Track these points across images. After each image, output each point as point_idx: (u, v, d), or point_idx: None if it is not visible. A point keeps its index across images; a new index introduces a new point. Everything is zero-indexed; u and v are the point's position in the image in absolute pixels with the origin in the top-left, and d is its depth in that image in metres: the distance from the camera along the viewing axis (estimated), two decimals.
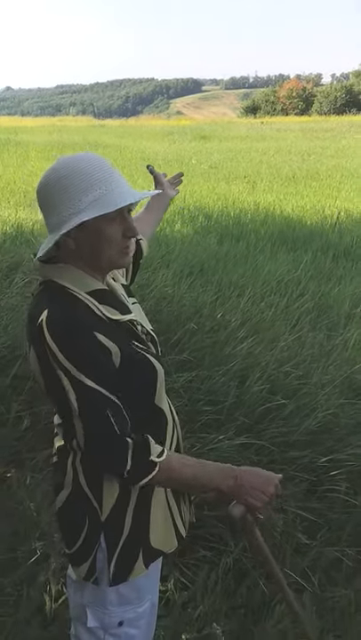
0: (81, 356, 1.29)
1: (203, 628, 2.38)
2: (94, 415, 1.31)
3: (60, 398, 1.32)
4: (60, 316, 1.30)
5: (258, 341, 3.64)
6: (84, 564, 1.46)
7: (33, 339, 1.33)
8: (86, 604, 1.53)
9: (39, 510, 2.83)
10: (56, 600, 2.47)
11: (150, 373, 1.44)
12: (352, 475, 2.95)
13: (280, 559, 2.60)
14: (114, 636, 1.55)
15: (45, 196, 1.36)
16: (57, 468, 1.53)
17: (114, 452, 1.33)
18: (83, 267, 1.40)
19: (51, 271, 1.40)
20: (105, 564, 1.45)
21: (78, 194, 1.31)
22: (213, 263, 6.18)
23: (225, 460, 2.86)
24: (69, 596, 1.64)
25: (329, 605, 2.49)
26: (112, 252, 1.39)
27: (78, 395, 1.28)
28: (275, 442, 2.99)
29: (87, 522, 1.44)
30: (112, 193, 1.32)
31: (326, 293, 5.14)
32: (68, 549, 1.50)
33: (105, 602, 1.51)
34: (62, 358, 1.27)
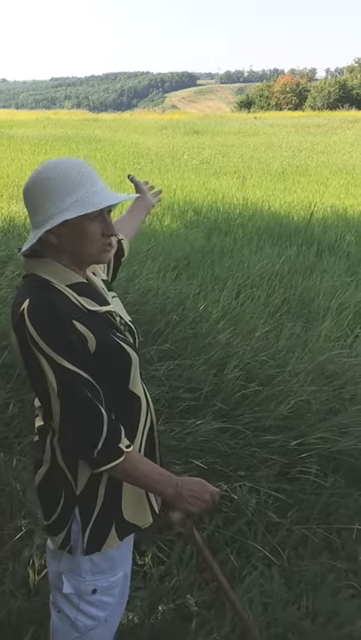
0: (59, 341, 1.40)
1: (177, 599, 2.51)
2: (73, 395, 1.42)
3: (39, 381, 1.43)
4: (39, 305, 1.41)
5: (237, 332, 3.78)
6: (60, 534, 1.59)
7: (15, 326, 1.44)
8: (62, 572, 1.65)
9: (25, 490, 2.96)
10: (39, 573, 2.59)
11: (125, 360, 1.55)
12: (322, 458, 3.09)
13: (252, 536, 2.76)
14: (88, 603, 1.67)
15: (31, 196, 1.48)
16: (37, 446, 1.65)
17: (88, 431, 1.44)
18: (64, 261, 1.52)
19: (33, 265, 1.51)
20: (79, 534, 1.58)
21: (62, 195, 1.44)
22: (200, 257, 6.31)
23: (202, 445, 3.04)
24: (48, 565, 1.76)
25: (296, 578, 2.63)
26: (92, 248, 1.51)
27: (58, 376, 1.39)
28: (249, 426, 3.14)
29: (63, 495, 1.56)
30: (93, 195, 1.45)
31: (309, 287, 5.28)
32: (46, 521, 1.62)
33: (80, 570, 1.63)
34: (42, 343, 1.38)
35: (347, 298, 4.90)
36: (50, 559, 1.72)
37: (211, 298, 4.42)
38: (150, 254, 5.54)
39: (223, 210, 9.41)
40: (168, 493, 1.54)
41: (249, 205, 9.86)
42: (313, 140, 25.29)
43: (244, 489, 2.89)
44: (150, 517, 1.70)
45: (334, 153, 20.04)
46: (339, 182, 13.09)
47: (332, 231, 7.74)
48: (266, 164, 16.69)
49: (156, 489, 1.57)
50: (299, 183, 12.93)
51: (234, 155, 19.10)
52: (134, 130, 30.88)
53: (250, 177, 13.79)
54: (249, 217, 8.83)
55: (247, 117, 44.56)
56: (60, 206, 1.44)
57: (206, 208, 9.43)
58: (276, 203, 10.24)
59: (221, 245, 6.95)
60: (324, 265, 6.44)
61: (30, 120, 38.41)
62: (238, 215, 8.99)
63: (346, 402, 3.52)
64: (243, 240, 7.28)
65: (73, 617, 1.69)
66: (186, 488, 1.55)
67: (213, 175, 13.96)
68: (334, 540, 2.83)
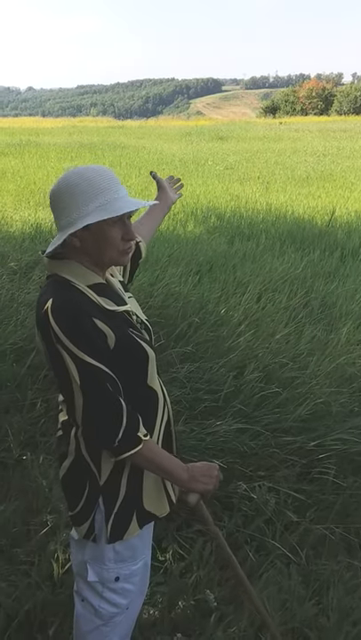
0: (81, 338, 1.49)
1: (197, 595, 2.58)
2: (94, 388, 1.50)
3: (63, 376, 1.51)
4: (62, 304, 1.50)
5: (257, 335, 3.83)
6: (85, 523, 1.67)
7: (40, 324, 1.54)
8: (87, 561, 1.73)
9: (51, 487, 3.06)
10: (63, 567, 2.68)
11: (142, 356, 1.64)
12: (341, 459, 3.13)
13: (271, 535, 2.81)
14: (111, 590, 1.75)
15: (57, 200, 1.58)
16: (61, 439, 1.73)
17: (110, 421, 1.53)
18: (85, 263, 1.61)
19: (56, 266, 1.61)
20: (103, 523, 1.66)
21: (86, 200, 1.53)
22: (222, 262, 6.37)
23: (222, 445, 3.10)
24: (72, 555, 1.84)
25: (313, 576, 2.68)
26: (112, 251, 1.60)
27: (80, 371, 1.48)
28: (269, 427, 3.19)
29: (87, 486, 1.64)
30: (115, 201, 1.55)
31: (330, 291, 5.31)
32: (71, 511, 1.70)
33: (103, 558, 1.71)
34: (65, 340, 1.47)
35: None
36: (74, 549, 1.79)
37: (232, 302, 4.48)
38: (173, 259, 5.62)
39: (246, 215, 9.46)
40: (183, 477, 1.65)
41: (272, 211, 9.89)
42: (338, 144, 25.14)
43: (263, 488, 2.95)
44: (167, 507, 1.78)
45: (360, 158, 19.90)
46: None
47: (356, 236, 7.73)
48: (290, 169, 16.67)
49: (171, 473, 1.66)
50: (323, 188, 12.90)
51: (258, 160, 19.10)
52: (159, 137, 31.06)
53: (274, 182, 13.81)
54: (272, 222, 8.86)
55: (272, 123, 44.49)
56: (83, 211, 1.53)
57: (229, 214, 9.49)
58: (299, 208, 10.25)
59: (244, 250, 7.00)
60: (346, 270, 6.45)
61: (56, 128, 38.89)
62: (261, 220, 9.02)
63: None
64: (265, 245, 7.33)
65: (97, 604, 1.76)
66: (196, 470, 1.68)
67: (237, 181, 14.01)
68: (352, 539, 2.86)
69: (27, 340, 4.31)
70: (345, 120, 45.25)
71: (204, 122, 55.07)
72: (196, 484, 1.67)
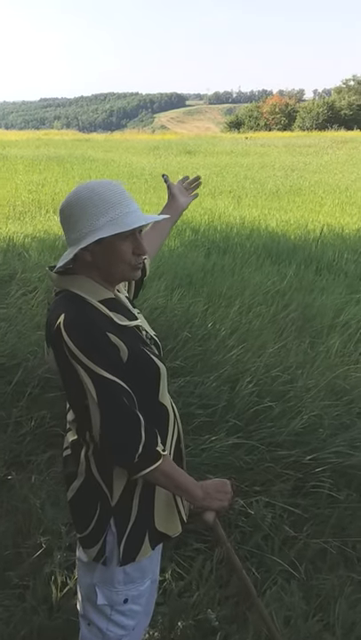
0: (96, 352, 1.46)
1: (198, 615, 2.54)
2: (112, 402, 1.47)
3: (78, 393, 1.48)
4: (75, 319, 1.47)
5: (246, 349, 3.84)
6: (95, 546, 1.62)
7: (52, 341, 1.50)
8: (96, 584, 1.68)
9: (43, 507, 2.98)
10: (61, 590, 2.61)
11: (154, 371, 1.62)
12: (335, 472, 3.14)
13: (269, 551, 2.79)
14: (119, 613, 1.71)
15: (68, 214, 1.55)
16: (69, 460, 1.69)
17: (129, 437, 1.49)
18: (96, 278, 1.59)
19: (67, 281, 1.58)
20: (115, 545, 1.61)
21: (97, 214, 1.51)
22: (201, 276, 6.39)
23: (217, 460, 3.08)
24: (79, 578, 1.79)
25: (315, 592, 2.67)
26: (124, 266, 1.59)
27: (96, 386, 1.45)
28: (263, 442, 3.19)
29: (98, 507, 1.60)
30: (126, 215, 1.53)
31: (310, 304, 5.37)
32: (80, 533, 1.66)
33: (113, 581, 1.67)
34: (80, 355, 1.44)
35: (354, 314, 4.99)
36: (82, 572, 1.74)
37: (218, 315, 4.49)
38: (156, 274, 5.61)
39: (221, 229, 9.53)
40: (198, 494, 1.63)
41: (246, 224, 9.98)
42: (304, 160, 25.61)
43: (260, 503, 2.93)
44: (180, 527, 1.75)
45: (326, 173, 20.30)
46: (333, 201, 13.27)
47: (330, 250, 7.85)
48: (260, 183, 16.89)
49: (188, 491, 1.63)
50: (294, 202, 13.10)
51: (228, 174, 19.30)
52: (126, 150, 31.13)
53: (245, 196, 13.97)
54: (246, 236, 8.94)
55: (238, 137, 45.07)
56: (94, 225, 1.51)
57: (204, 227, 9.54)
58: (272, 221, 10.37)
59: (221, 264, 7.04)
60: (323, 283, 6.54)
61: (22, 140, 38.65)
62: (236, 234, 9.10)
63: (355, 417, 3.58)
64: (242, 259, 7.38)
65: (104, 627, 1.72)
66: (210, 487, 1.66)
67: (209, 195, 14.11)
68: (350, 552, 2.87)
69: (8, 356, 4.24)
70: (309, 135, 46.15)
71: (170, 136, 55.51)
72: (211, 502, 1.65)
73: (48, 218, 10.68)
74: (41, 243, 8.41)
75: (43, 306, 5.19)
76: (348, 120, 61.89)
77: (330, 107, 65.31)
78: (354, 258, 7.71)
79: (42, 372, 3.97)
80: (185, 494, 1.64)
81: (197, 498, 1.63)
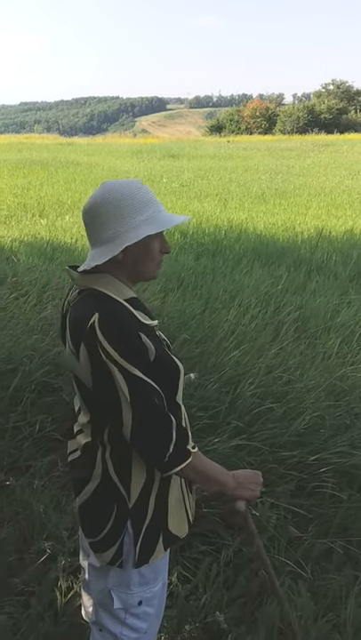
0: (131, 351, 1.46)
1: (205, 617, 2.53)
2: (145, 403, 1.47)
3: (110, 391, 1.46)
4: (109, 317, 1.46)
5: (245, 351, 3.85)
6: (111, 549, 1.61)
7: (84, 339, 1.47)
8: (111, 588, 1.67)
9: (46, 512, 2.95)
10: (66, 595, 2.59)
11: (175, 371, 1.62)
12: (338, 472, 3.16)
13: (276, 552, 2.80)
14: (134, 616, 1.70)
15: (99, 213, 1.53)
16: (80, 463, 1.67)
17: (160, 436, 1.50)
18: (121, 276, 1.58)
19: (91, 280, 1.56)
20: (131, 547, 1.60)
21: (133, 213, 1.51)
22: (192, 278, 6.40)
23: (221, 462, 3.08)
24: (91, 584, 1.76)
25: (322, 592, 2.68)
26: (152, 264, 1.60)
27: (130, 384, 1.44)
28: (266, 443, 3.19)
29: (115, 509, 1.59)
30: (160, 214, 1.55)
31: (304, 306, 5.40)
32: (93, 538, 1.64)
33: (129, 583, 1.66)
34: (114, 353, 1.43)
35: (351, 316, 5.03)
36: (94, 577, 1.72)
37: (215, 317, 4.49)
38: None
39: (209, 232, 9.55)
40: (230, 484, 1.63)
41: (234, 227, 10.01)
42: (288, 163, 25.76)
43: (265, 505, 2.94)
44: (187, 528, 1.75)
45: (310, 176, 20.44)
46: (318, 204, 13.36)
47: (319, 252, 7.91)
48: (245, 186, 16.95)
49: (219, 481, 1.62)
50: (280, 205, 13.16)
51: (213, 178, 19.36)
52: (109, 154, 31.08)
53: (231, 199, 14.01)
54: (235, 238, 8.97)
55: (221, 141, 45.24)
56: (131, 223, 1.51)
57: (192, 230, 9.55)
58: (260, 224, 10.41)
59: (212, 266, 7.06)
60: (313, 285, 6.58)
61: (3, 144, 38.39)
62: (224, 237, 9.12)
63: (355, 417, 3.60)
64: (233, 261, 7.40)
65: (118, 632, 1.71)
66: (242, 477, 1.68)
67: (195, 198, 14.14)
68: (355, 551, 2.88)
69: (4, 361, 4.20)
70: (290, 139, 46.46)
71: (152, 140, 55.54)
72: (243, 491, 1.66)
73: (34, 222, 10.63)
74: (29, 246, 8.36)
75: (36, 310, 5.16)
76: (328, 124, 62.44)
77: (310, 110, 65.82)
78: (342, 260, 7.76)
79: (39, 377, 3.94)
80: (217, 485, 1.63)
81: (230, 487, 1.63)
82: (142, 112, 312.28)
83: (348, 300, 5.94)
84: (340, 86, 72.91)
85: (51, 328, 4.56)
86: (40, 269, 6.40)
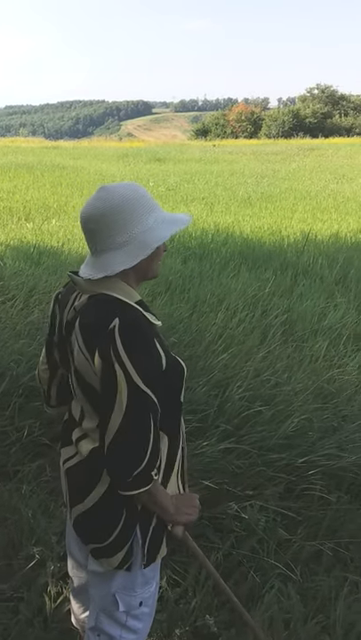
0: (142, 361, 1.44)
1: (195, 621, 2.53)
2: (138, 415, 1.45)
3: (110, 393, 1.44)
4: (130, 324, 1.45)
5: (233, 354, 3.86)
6: (119, 553, 1.60)
7: (100, 342, 1.45)
8: (115, 592, 1.66)
9: (35, 517, 2.94)
10: (55, 600, 2.58)
11: (181, 372, 1.62)
12: (326, 475, 3.18)
13: (265, 554, 2.80)
14: (134, 617, 1.71)
15: (111, 217, 1.49)
16: (83, 469, 1.64)
17: (136, 453, 1.47)
18: (129, 279, 1.56)
19: (101, 285, 1.53)
20: (139, 549, 1.61)
21: (145, 214, 1.51)
22: (180, 282, 6.41)
23: (210, 465, 3.08)
24: (92, 591, 1.75)
25: (311, 594, 2.69)
26: (157, 264, 1.62)
27: (130, 393, 1.42)
28: (255, 446, 3.20)
29: (124, 513, 1.58)
30: (166, 214, 1.55)
31: (291, 309, 5.43)
32: (100, 543, 1.61)
33: (134, 585, 1.66)
34: (127, 360, 1.42)
35: (337, 319, 5.07)
36: (97, 584, 1.71)
37: (203, 321, 4.50)
38: None
39: (195, 235, 9.56)
40: (170, 509, 1.62)
41: (220, 231, 10.04)
42: (273, 167, 25.90)
43: (254, 508, 2.95)
44: None
45: (296, 180, 20.56)
46: (304, 208, 13.45)
47: (305, 255, 7.96)
48: (231, 190, 17.01)
49: (163, 506, 1.61)
50: (266, 209, 13.22)
51: (199, 182, 19.40)
52: (95, 157, 31.01)
53: (217, 203, 14.05)
54: (222, 242, 8.99)
55: (206, 145, 45.35)
56: (145, 225, 1.51)
57: (179, 234, 9.55)
58: (246, 228, 10.46)
59: (199, 270, 7.08)
60: (300, 288, 6.62)
61: None
62: (211, 240, 9.14)
63: (341, 419, 3.63)
64: (220, 265, 7.43)
65: (118, 635, 1.72)
66: (180, 502, 1.66)
67: (182, 202, 14.16)
68: (343, 553, 2.90)
69: None
70: (275, 143, 46.72)
71: (138, 143, 55.58)
72: (180, 517, 1.65)
73: (20, 225, 10.57)
74: (15, 250, 8.31)
75: (23, 314, 5.13)
76: (313, 128, 62.84)
77: (295, 115, 66.19)
78: (328, 263, 7.82)
79: (27, 381, 3.92)
80: (161, 511, 1.62)
81: (170, 513, 1.62)
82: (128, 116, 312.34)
83: (334, 304, 5.99)
84: (324, 91, 73.40)
85: (38, 332, 4.54)
86: (27, 273, 6.36)
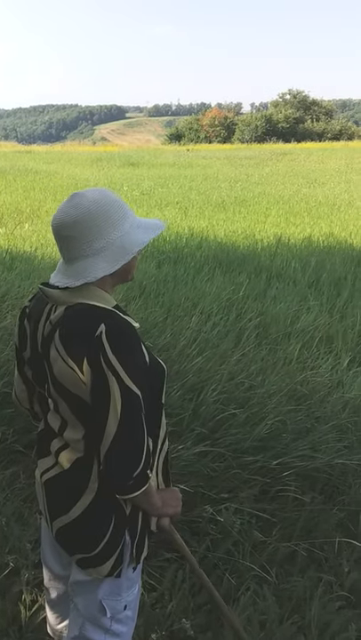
0: (132, 365, 1.45)
1: (172, 625, 2.53)
2: (132, 416, 1.45)
3: (101, 400, 1.44)
4: (117, 330, 1.45)
5: (208, 358, 3.88)
6: (108, 561, 1.59)
7: (88, 350, 1.44)
8: (102, 598, 1.65)
9: (9, 525, 2.91)
10: (30, 609, 2.55)
11: (162, 372, 1.64)
12: (300, 476, 3.20)
13: (240, 556, 2.82)
14: (118, 621, 1.70)
15: (85, 224, 1.48)
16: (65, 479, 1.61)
17: (134, 455, 1.47)
18: (105, 285, 1.56)
19: (77, 294, 1.51)
20: (129, 553, 1.62)
21: (121, 219, 1.51)
22: (155, 286, 6.41)
23: (185, 469, 3.09)
24: (78, 599, 1.71)
25: (286, 595, 2.71)
26: (134, 268, 1.63)
27: (124, 397, 1.42)
28: (230, 448, 3.22)
29: (113, 520, 1.58)
30: (143, 219, 1.58)
31: (264, 312, 5.47)
32: (89, 553, 1.60)
33: (120, 589, 1.67)
34: (118, 366, 1.42)
35: (310, 322, 5.13)
36: (82, 592, 1.69)
37: (177, 325, 4.51)
38: None
39: (170, 239, 9.58)
40: (158, 503, 1.64)
41: (195, 235, 10.08)
42: (246, 171, 26.08)
43: (229, 510, 2.96)
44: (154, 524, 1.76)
45: (269, 184, 20.73)
46: (277, 212, 13.57)
47: (279, 259, 8.03)
48: (205, 194, 17.08)
49: (154, 504, 1.62)
50: (240, 213, 13.31)
51: (173, 186, 19.45)
52: (69, 162, 30.89)
53: (191, 207, 14.11)
54: (196, 246, 9.03)
55: (180, 150, 45.49)
56: (122, 230, 1.51)
57: (154, 238, 9.57)
58: (220, 232, 10.52)
59: (174, 274, 7.09)
60: (274, 291, 6.67)
61: None
62: (185, 244, 9.17)
63: (314, 421, 3.66)
64: (194, 269, 7.45)
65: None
66: (165, 495, 1.69)
67: (156, 206, 14.18)
68: (317, 553, 2.92)
69: None
70: (249, 148, 47.08)
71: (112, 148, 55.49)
72: (168, 509, 1.68)
73: None
74: None
75: None
76: (286, 133, 63.46)
77: (268, 120, 66.76)
78: (301, 266, 7.90)
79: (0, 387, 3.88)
80: (149, 506, 1.63)
81: (157, 506, 1.64)
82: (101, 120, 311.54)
83: (307, 306, 6.05)
84: (296, 96, 74.23)
85: (10, 338, 4.50)
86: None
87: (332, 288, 6.96)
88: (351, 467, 3.28)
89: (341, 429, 3.58)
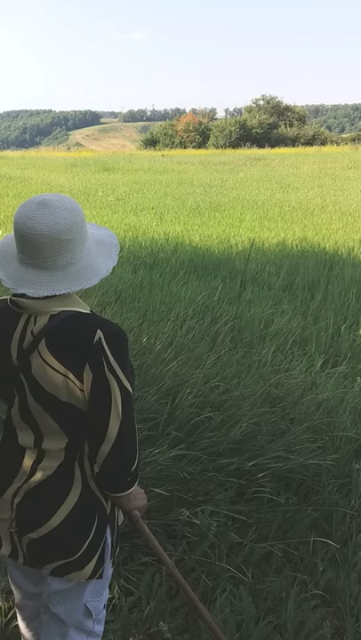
0: (127, 366, 1.53)
1: (150, 629, 2.54)
2: (130, 415, 1.54)
3: (102, 404, 1.48)
4: (114, 334, 1.50)
5: (183, 362, 3.90)
6: (90, 563, 1.60)
7: (88, 356, 1.46)
8: (86, 602, 1.67)
9: None
10: (6, 616, 2.54)
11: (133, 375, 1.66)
12: (275, 477, 3.24)
13: (217, 558, 2.84)
14: (98, 622, 1.73)
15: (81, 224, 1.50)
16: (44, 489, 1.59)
17: (133, 451, 1.57)
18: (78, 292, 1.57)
19: (58, 303, 1.51)
20: (109, 552, 1.65)
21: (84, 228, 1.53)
22: (130, 292, 6.43)
23: (161, 473, 3.10)
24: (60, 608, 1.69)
25: (262, 595, 2.74)
26: None
27: (123, 398, 1.50)
28: (205, 452, 3.24)
29: (96, 520, 1.61)
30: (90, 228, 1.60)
31: (239, 316, 5.52)
32: (71, 557, 1.59)
33: (102, 588, 1.70)
34: (117, 368, 1.48)
35: (283, 325, 5.19)
36: (63, 600, 1.67)
37: (152, 329, 4.53)
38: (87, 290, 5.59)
39: (145, 245, 9.60)
40: (131, 498, 1.67)
41: (170, 240, 10.12)
42: (221, 177, 26.22)
43: (205, 513, 2.98)
44: None
45: (243, 189, 20.86)
46: (252, 217, 13.66)
47: (253, 263, 8.09)
48: (180, 200, 17.14)
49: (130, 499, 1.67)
50: (215, 218, 13.38)
51: (148, 191, 19.48)
52: (43, 167, 30.75)
53: (167, 213, 14.15)
54: (171, 251, 9.06)
55: (155, 155, 45.57)
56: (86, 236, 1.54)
57: (129, 243, 9.58)
58: (195, 237, 10.56)
59: (149, 279, 7.11)
60: (248, 295, 6.73)
61: None
62: (161, 249, 9.20)
63: (289, 422, 3.71)
64: (170, 274, 7.48)
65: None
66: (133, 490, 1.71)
67: (131, 212, 14.19)
68: (293, 553, 2.96)
69: None
70: (223, 153, 47.37)
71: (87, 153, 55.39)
72: (137, 502, 1.71)
73: None
74: None
75: None
76: (260, 138, 64.04)
77: (242, 125, 67.29)
78: (275, 270, 7.97)
79: None
80: (127, 500, 1.66)
81: (131, 500, 1.68)
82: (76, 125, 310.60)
83: (281, 310, 6.12)
84: (269, 101, 74.95)
85: None
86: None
87: (306, 291, 7.04)
88: (325, 467, 3.33)
89: (315, 430, 3.63)
